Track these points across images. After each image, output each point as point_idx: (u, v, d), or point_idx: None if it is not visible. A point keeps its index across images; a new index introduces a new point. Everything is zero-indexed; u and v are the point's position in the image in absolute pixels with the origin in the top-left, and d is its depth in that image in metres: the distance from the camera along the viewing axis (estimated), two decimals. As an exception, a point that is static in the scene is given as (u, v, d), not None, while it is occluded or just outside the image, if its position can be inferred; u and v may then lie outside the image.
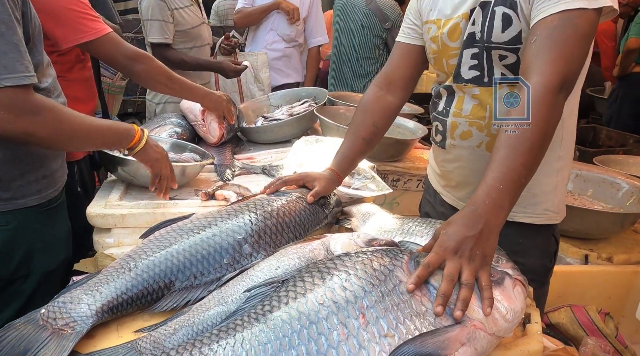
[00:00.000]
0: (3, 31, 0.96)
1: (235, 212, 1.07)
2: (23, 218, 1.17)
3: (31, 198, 1.18)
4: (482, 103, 1.15)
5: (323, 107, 2.12)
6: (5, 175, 1.13)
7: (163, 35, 2.26)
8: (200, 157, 1.64)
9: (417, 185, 2.10)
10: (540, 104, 0.92)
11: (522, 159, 0.90)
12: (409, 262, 0.81)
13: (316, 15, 2.99)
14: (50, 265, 1.26)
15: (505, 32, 1.05)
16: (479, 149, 1.18)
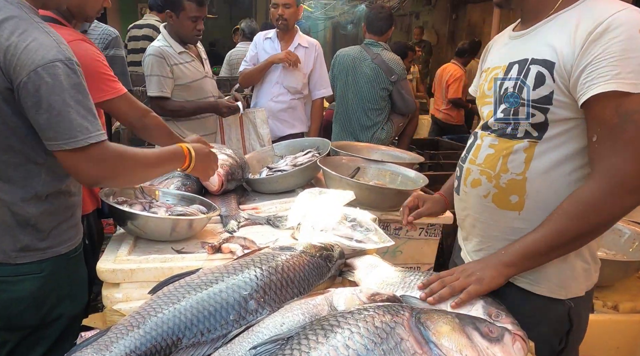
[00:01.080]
0: (80, 99, 1.14)
1: (241, 266, 1.10)
2: (55, 265, 1.27)
3: (64, 246, 1.29)
4: (496, 153, 1.17)
5: (326, 157, 2.19)
6: (44, 226, 1.24)
7: (161, 89, 2.42)
8: (207, 209, 1.68)
9: (420, 234, 2.13)
10: (590, 205, 0.99)
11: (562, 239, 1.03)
12: (410, 319, 0.84)
13: (320, 68, 3.13)
14: (76, 309, 1.35)
15: (537, 90, 1.07)
16: (485, 199, 1.19)
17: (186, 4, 2.36)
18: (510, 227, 1.16)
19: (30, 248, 1.23)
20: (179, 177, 1.93)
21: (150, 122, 1.81)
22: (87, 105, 1.15)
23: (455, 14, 10.00)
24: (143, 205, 1.61)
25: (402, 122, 3.23)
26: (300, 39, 3.10)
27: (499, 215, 1.18)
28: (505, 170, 1.14)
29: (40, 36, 1.11)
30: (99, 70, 1.62)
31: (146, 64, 2.44)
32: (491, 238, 1.22)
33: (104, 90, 1.63)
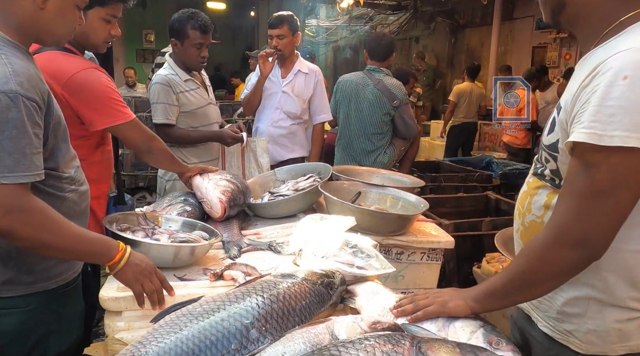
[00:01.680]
0: (13, 135, 1.05)
1: (243, 294, 1.11)
2: (42, 300, 1.23)
3: (53, 281, 1.25)
4: (527, 191, 1.13)
5: (327, 182, 2.21)
6: (28, 260, 1.20)
7: (166, 116, 2.44)
8: (209, 235, 1.70)
9: (421, 258, 2.13)
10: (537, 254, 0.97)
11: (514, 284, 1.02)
12: (411, 349, 0.84)
13: (320, 94, 3.16)
14: (63, 345, 1.30)
15: (549, 136, 1.03)
16: (517, 235, 1.17)
17: (190, 32, 2.41)
18: None
19: (15, 281, 1.19)
20: (181, 202, 1.95)
21: (155, 146, 1.86)
22: (20, 143, 1.06)
23: (454, 38, 10.19)
24: (146, 231, 1.63)
25: (404, 146, 3.26)
26: (301, 64, 3.15)
27: None
28: (529, 210, 1.10)
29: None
30: (109, 96, 1.69)
31: (152, 91, 2.48)
32: None
33: (115, 116, 1.68)
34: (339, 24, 11.82)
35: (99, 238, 1.24)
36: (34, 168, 1.10)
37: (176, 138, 2.47)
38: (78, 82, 1.62)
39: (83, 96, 1.62)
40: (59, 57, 1.64)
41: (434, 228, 2.21)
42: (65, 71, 1.61)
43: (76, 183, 1.29)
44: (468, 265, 2.94)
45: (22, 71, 1.10)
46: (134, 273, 1.22)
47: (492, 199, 3.63)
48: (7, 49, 1.12)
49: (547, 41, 7.73)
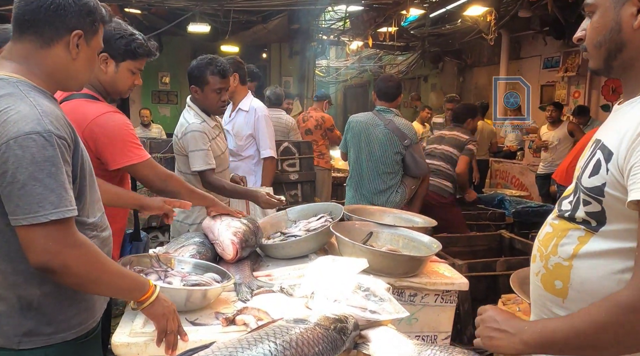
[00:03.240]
0: (53, 171, 1.08)
1: (255, 341, 1.10)
2: (61, 352, 1.20)
3: (72, 331, 1.22)
4: (553, 233, 1.10)
5: (339, 223, 2.21)
6: (48, 309, 1.18)
7: (207, 162, 2.45)
8: (221, 277, 1.69)
9: (435, 300, 2.09)
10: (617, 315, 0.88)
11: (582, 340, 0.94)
12: (428, 401, 0.82)
13: (262, 131, 3.24)
14: None
15: (592, 178, 0.99)
16: (536, 277, 1.13)
17: (210, 78, 2.47)
18: (553, 313, 1.09)
19: (35, 333, 1.17)
20: (194, 244, 1.96)
21: (171, 185, 1.90)
22: (59, 179, 1.09)
23: (462, 77, 10.36)
24: (159, 273, 1.64)
25: (415, 185, 3.27)
26: (243, 103, 3.29)
27: (545, 298, 1.11)
28: (555, 252, 1.07)
29: (25, 109, 1.09)
30: (125, 138, 1.79)
31: (189, 139, 2.46)
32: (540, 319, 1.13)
33: (129, 156, 1.77)
34: (349, 64, 12.13)
35: (133, 275, 1.29)
36: (74, 203, 1.13)
37: (213, 186, 2.45)
38: (97, 126, 1.73)
39: (101, 138, 1.73)
40: (82, 104, 1.77)
41: (447, 269, 2.18)
42: (86, 116, 1.73)
43: (98, 229, 1.30)
44: (483, 307, 2.87)
45: (50, 112, 1.14)
46: (162, 309, 1.26)
47: (506, 238, 3.58)
48: (34, 93, 1.15)
49: (555, 79, 7.82)
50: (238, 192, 2.57)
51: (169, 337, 1.26)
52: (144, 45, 1.84)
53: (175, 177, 1.95)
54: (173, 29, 7.36)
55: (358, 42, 8.95)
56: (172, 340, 1.26)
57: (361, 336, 1.32)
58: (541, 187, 6.19)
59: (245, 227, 2.03)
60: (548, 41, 7.62)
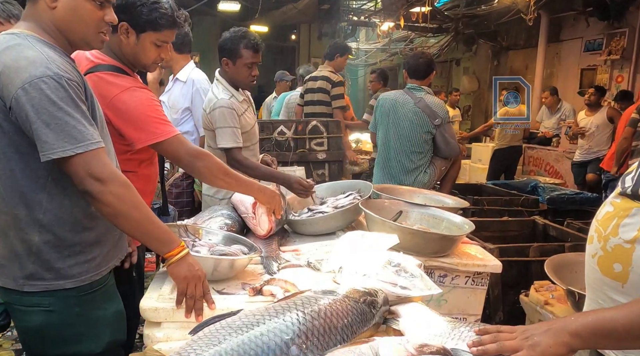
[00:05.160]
0: (70, 111, 1.17)
1: (283, 309, 1.07)
2: (65, 302, 1.27)
3: (71, 280, 1.27)
4: (614, 212, 1.04)
5: (368, 200, 2.16)
6: (49, 256, 1.25)
7: (235, 140, 2.40)
8: (249, 249, 1.68)
9: (466, 282, 2.03)
10: None
11: None
12: (464, 375, 0.78)
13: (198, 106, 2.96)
14: (95, 348, 1.32)
15: None
16: (592, 260, 1.07)
17: (243, 52, 2.42)
18: (611, 299, 1.03)
19: (36, 277, 1.25)
20: (222, 216, 1.95)
21: (200, 164, 1.72)
22: (76, 116, 1.18)
23: (496, 61, 10.01)
24: (187, 243, 1.63)
25: (445, 166, 3.18)
26: (182, 73, 3.10)
27: (601, 281, 1.05)
28: (615, 233, 1.01)
29: (32, 54, 1.17)
30: (150, 114, 1.65)
31: (218, 116, 2.41)
32: (596, 304, 1.08)
33: (155, 133, 1.64)
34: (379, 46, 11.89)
35: (166, 228, 1.32)
36: (97, 137, 1.21)
37: (244, 165, 2.37)
38: (120, 102, 1.62)
39: (124, 115, 1.62)
40: (107, 77, 1.65)
41: (479, 252, 2.11)
42: (110, 92, 1.62)
43: None
44: (514, 293, 2.78)
45: (56, 58, 1.20)
46: (186, 271, 1.27)
47: (540, 224, 3.46)
48: (41, 44, 1.22)
49: (597, 63, 7.45)
50: (273, 175, 2.41)
51: (189, 302, 1.26)
52: (168, 15, 1.65)
53: (208, 154, 1.78)
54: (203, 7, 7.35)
55: (389, 23, 8.74)
56: (191, 304, 1.26)
57: (391, 312, 1.28)
58: (577, 175, 5.96)
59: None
60: (591, 22, 7.25)
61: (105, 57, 1.69)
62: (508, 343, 0.93)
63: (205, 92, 2.94)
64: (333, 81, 4.47)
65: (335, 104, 4.45)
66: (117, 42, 1.67)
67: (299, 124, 3.97)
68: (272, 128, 3.91)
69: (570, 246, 2.87)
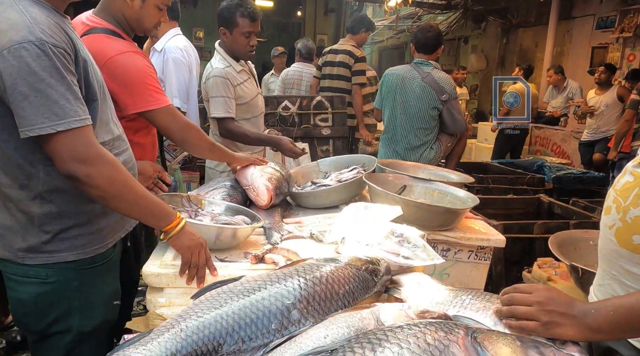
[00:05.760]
0: (52, 83, 1.06)
1: (285, 275, 1.07)
2: (63, 274, 1.21)
3: (72, 253, 1.22)
4: (635, 182, 1.00)
5: (372, 174, 2.15)
6: (49, 228, 1.19)
7: (227, 110, 2.39)
8: (251, 219, 1.68)
9: (469, 256, 2.02)
10: None
11: None
12: (466, 338, 0.77)
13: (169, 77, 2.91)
14: (86, 326, 1.26)
15: None
16: (609, 231, 1.03)
17: (239, 20, 2.39)
18: (628, 272, 0.99)
19: (36, 249, 1.19)
20: (224, 187, 1.94)
21: (190, 136, 1.74)
22: (60, 90, 1.06)
23: (505, 39, 9.81)
24: (189, 213, 1.63)
25: (451, 142, 3.14)
26: (159, 42, 2.96)
27: (618, 253, 1.01)
28: (637, 203, 0.97)
29: (14, 16, 1.05)
30: (144, 81, 1.62)
31: (210, 85, 2.41)
32: (610, 276, 1.05)
33: (148, 101, 1.61)
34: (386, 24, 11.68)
35: (160, 201, 1.26)
36: (82, 113, 1.10)
37: (235, 134, 2.40)
38: (115, 65, 1.58)
39: (119, 79, 1.58)
40: (101, 39, 1.61)
41: (483, 226, 2.10)
42: (105, 53, 1.57)
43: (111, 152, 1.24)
44: (517, 269, 2.79)
45: (42, 20, 1.08)
46: (188, 241, 1.25)
47: (545, 202, 3.43)
48: (25, 2, 1.10)
49: (608, 41, 7.28)
50: (262, 139, 2.50)
51: (192, 271, 1.25)
52: None
53: (196, 127, 1.79)
54: (207, -18, 7.20)
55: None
56: (194, 273, 1.25)
57: (393, 282, 1.28)
58: (584, 154, 5.90)
59: (279, 173, 2.00)
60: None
61: (102, 21, 1.65)
62: (522, 310, 0.89)
63: (176, 62, 2.88)
64: (356, 56, 4.34)
65: (355, 80, 4.34)
66: (119, 5, 1.64)
67: (303, 99, 3.93)
68: (276, 103, 3.88)
69: (575, 224, 2.86)
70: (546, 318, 0.86)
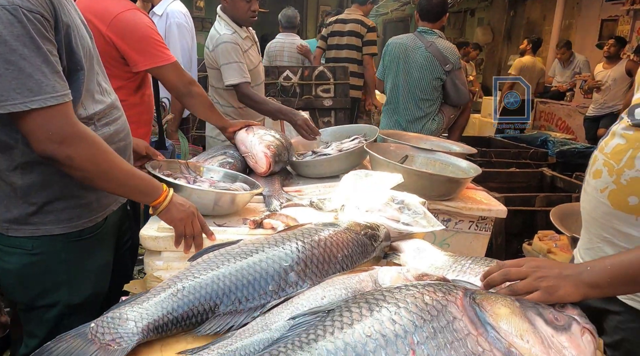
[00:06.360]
0: (26, 53, 0.95)
1: (283, 239, 1.06)
2: (49, 247, 1.16)
3: (59, 226, 1.16)
4: (627, 144, 1.00)
5: (373, 143, 2.12)
6: (34, 200, 1.13)
7: (242, 75, 2.33)
8: (250, 186, 1.66)
9: (470, 227, 2.01)
10: None
11: None
12: (464, 299, 0.76)
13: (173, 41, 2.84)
14: (74, 299, 1.22)
15: None
16: (601, 194, 1.04)
17: None
18: (622, 233, 1.01)
19: (21, 221, 1.13)
20: (223, 154, 1.92)
21: (195, 91, 1.86)
22: (36, 62, 0.96)
23: (513, 11, 9.58)
24: (187, 180, 1.61)
25: (454, 114, 3.09)
26: (159, 6, 2.83)
27: (611, 215, 1.02)
28: (631, 165, 0.98)
29: None
30: (152, 37, 1.69)
31: (222, 52, 2.34)
32: (601, 239, 1.06)
33: (158, 56, 1.69)
34: (391, -5, 11.41)
35: (145, 177, 1.21)
36: (60, 88, 1.00)
37: (255, 100, 2.31)
38: (122, 22, 1.62)
39: (128, 36, 1.63)
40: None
41: (484, 197, 2.08)
42: (110, 11, 1.61)
43: (97, 123, 1.19)
44: (517, 242, 2.79)
45: None
46: (179, 213, 1.20)
47: (548, 176, 3.41)
48: None
49: (618, 13, 7.09)
50: (281, 110, 2.36)
51: (188, 240, 1.22)
52: None
53: (198, 85, 1.88)
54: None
55: (402, -32, 8.31)
56: (190, 242, 1.22)
57: (392, 248, 1.27)
58: (589, 130, 5.83)
59: (279, 141, 1.97)
60: (615, -32, 6.86)
61: None
62: (521, 285, 0.87)
63: (180, 28, 2.81)
64: (368, 26, 4.23)
65: (367, 50, 4.25)
66: None
67: (305, 69, 3.86)
68: (277, 73, 3.81)
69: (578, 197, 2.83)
70: (545, 283, 0.85)
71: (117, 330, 0.83)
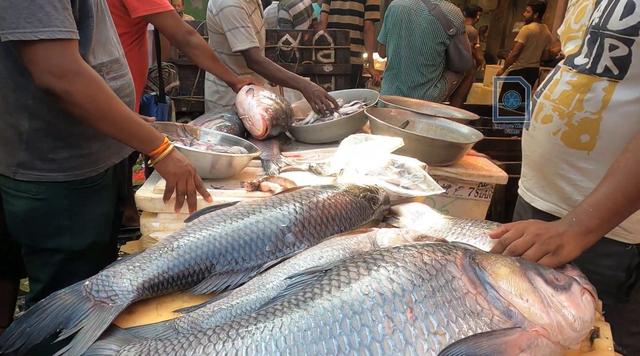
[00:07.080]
0: None
1: (280, 200, 1.05)
2: (53, 193, 1.21)
3: (63, 174, 1.21)
4: (573, 90, 1.10)
5: (374, 108, 2.08)
6: (40, 145, 1.17)
7: (251, 40, 2.21)
8: (248, 150, 1.64)
9: (469, 193, 2.00)
10: None
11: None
12: (464, 258, 0.75)
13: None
14: (76, 245, 1.26)
15: (623, 20, 1.00)
16: (554, 137, 1.14)
17: None
18: (575, 167, 1.12)
19: (27, 166, 1.18)
20: (221, 118, 1.89)
21: (194, 40, 1.88)
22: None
23: (520, -25, 9.29)
24: (184, 142, 1.59)
25: (456, 80, 3.04)
26: None
27: (566, 153, 1.13)
28: (580, 108, 1.08)
29: None
30: None
31: (226, 15, 2.20)
32: (555, 175, 1.17)
33: (157, 3, 1.73)
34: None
35: (146, 125, 1.20)
36: (69, 25, 1.03)
37: (265, 66, 2.20)
38: None
39: None
40: None
41: (485, 163, 2.06)
42: None
43: (105, 74, 1.21)
44: (517, 210, 2.78)
45: None
46: (174, 167, 1.20)
47: (549, 144, 3.37)
48: None
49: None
50: (296, 80, 2.21)
51: (180, 197, 1.22)
52: None
53: (198, 35, 1.90)
54: None
55: None
56: (182, 200, 1.22)
57: (391, 212, 1.26)
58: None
59: (277, 105, 1.93)
60: None
61: None
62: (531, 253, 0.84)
63: None
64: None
65: (368, 15, 4.15)
66: None
67: (305, 34, 3.75)
68: (276, 37, 3.71)
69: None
70: (551, 245, 0.85)
71: (112, 287, 0.82)
